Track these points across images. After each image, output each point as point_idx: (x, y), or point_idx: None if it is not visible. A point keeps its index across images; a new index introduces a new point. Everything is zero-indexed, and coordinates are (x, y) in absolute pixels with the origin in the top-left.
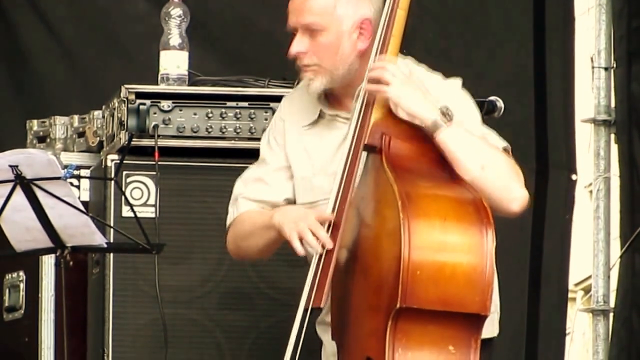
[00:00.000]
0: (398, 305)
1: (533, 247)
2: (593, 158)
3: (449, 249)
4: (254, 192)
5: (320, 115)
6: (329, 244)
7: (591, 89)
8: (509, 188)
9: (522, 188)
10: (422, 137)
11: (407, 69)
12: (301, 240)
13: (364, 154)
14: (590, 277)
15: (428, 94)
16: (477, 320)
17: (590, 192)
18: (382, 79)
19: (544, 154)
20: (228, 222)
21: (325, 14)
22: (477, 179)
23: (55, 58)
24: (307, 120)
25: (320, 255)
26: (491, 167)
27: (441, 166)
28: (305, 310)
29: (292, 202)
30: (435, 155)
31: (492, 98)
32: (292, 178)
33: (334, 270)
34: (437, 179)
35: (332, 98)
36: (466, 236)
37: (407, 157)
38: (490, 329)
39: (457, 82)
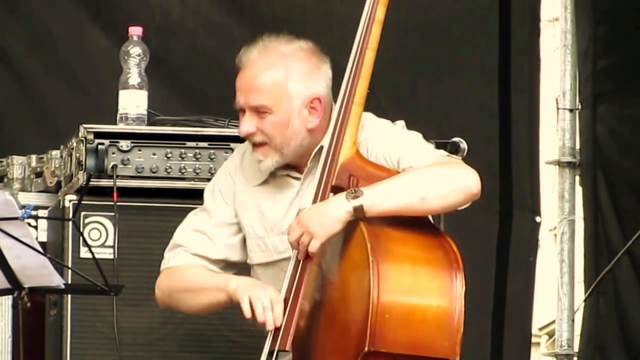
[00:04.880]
0: (366, 349)
1: (496, 289)
2: (557, 200)
3: (419, 292)
4: (196, 246)
5: (271, 174)
6: (277, 322)
7: (556, 131)
8: (456, 183)
9: (464, 170)
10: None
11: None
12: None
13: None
14: (554, 321)
15: (330, 201)
16: None
17: (555, 235)
18: (302, 246)
19: (508, 195)
20: (166, 265)
21: (275, 93)
22: (429, 207)
23: (12, 95)
24: (257, 179)
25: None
26: (427, 188)
27: None
28: (271, 352)
29: (229, 263)
30: None
31: (455, 139)
32: (235, 235)
33: (300, 312)
34: (405, 223)
35: None
36: (436, 280)
37: None
38: None
39: (399, 123)
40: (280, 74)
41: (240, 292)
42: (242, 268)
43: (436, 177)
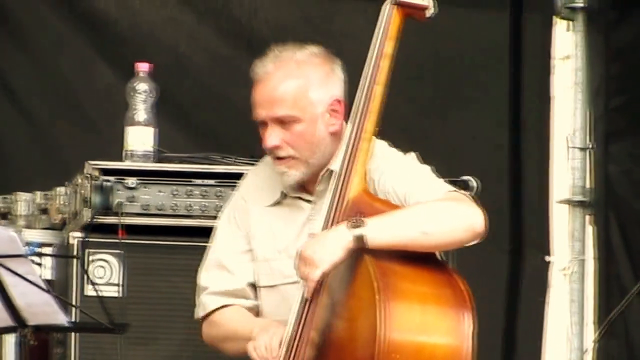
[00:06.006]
0: None
1: (506, 329)
2: (568, 240)
3: (427, 331)
4: (219, 284)
5: (282, 196)
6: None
7: (567, 170)
8: (460, 221)
9: (470, 208)
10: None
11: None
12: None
13: None
14: None
15: (331, 231)
16: None
17: (565, 274)
18: (305, 279)
19: (519, 234)
20: (199, 314)
21: (298, 102)
22: (431, 242)
23: (18, 131)
24: (270, 199)
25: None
26: (430, 223)
27: None
28: None
29: (255, 285)
30: None
31: (465, 178)
32: (253, 260)
33: (306, 351)
34: (414, 261)
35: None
36: (445, 319)
37: None
38: None
39: (411, 154)
40: (301, 82)
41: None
42: None
43: (440, 213)
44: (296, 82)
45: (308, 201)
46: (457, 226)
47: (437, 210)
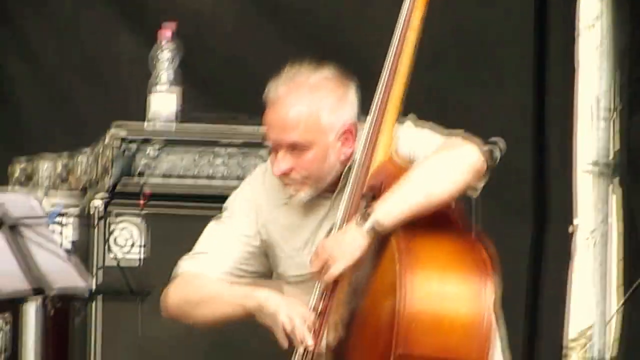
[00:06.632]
0: (392, 358)
1: (529, 298)
2: (592, 207)
3: (447, 299)
4: (212, 255)
5: None
6: (310, 343)
7: (592, 138)
8: (458, 166)
9: (462, 148)
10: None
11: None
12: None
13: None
14: (586, 331)
15: (346, 230)
16: None
17: (589, 241)
18: (325, 269)
19: (543, 202)
20: (175, 273)
21: (309, 128)
22: (441, 199)
23: (42, 97)
24: (283, 199)
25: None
26: (431, 182)
27: (440, 214)
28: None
29: (243, 274)
30: None
31: (493, 139)
32: (253, 249)
33: (329, 317)
34: (436, 228)
35: None
36: (465, 286)
37: None
38: None
39: (407, 122)
40: (313, 108)
41: (275, 307)
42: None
43: (437, 167)
44: (308, 108)
45: (328, 197)
46: (457, 172)
47: (433, 166)
